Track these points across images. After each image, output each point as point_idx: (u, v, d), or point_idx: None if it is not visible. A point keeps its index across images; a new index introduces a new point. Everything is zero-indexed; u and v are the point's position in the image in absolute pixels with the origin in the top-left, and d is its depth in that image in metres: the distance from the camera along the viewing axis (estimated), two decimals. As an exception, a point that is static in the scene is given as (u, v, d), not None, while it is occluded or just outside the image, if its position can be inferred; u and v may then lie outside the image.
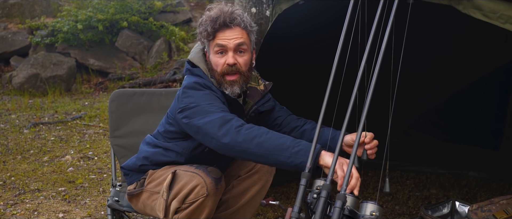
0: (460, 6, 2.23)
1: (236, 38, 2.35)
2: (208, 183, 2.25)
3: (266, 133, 2.10)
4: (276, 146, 2.06)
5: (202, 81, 2.35)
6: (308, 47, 3.25)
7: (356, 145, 2.08)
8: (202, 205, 2.27)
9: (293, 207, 2.12)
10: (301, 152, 2.04)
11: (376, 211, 2.01)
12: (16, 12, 9.03)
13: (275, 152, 2.06)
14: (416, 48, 2.78)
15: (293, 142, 2.07)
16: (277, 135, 2.11)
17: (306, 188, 2.17)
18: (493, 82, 4.02)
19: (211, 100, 2.26)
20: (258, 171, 2.51)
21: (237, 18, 2.35)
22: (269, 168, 2.53)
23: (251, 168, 2.52)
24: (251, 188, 2.52)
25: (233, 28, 2.34)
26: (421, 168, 4.24)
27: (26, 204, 3.71)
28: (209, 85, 2.34)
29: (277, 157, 2.06)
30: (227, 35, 2.34)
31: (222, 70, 2.35)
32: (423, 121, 4.30)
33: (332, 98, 2.32)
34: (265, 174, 2.52)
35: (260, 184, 2.52)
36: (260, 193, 2.55)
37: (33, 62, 7.67)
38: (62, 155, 4.83)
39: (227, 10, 2.36)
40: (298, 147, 2.05)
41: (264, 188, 2.55)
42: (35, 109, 6.68)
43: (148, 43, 8.36)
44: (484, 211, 2.91)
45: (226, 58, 2.35)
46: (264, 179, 2.53)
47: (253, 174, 2.52)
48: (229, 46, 2.34)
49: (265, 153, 2.08)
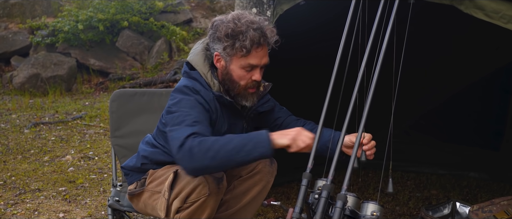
0: (462, 6, 2.23)
1: (265, 57, 2.35)
2: (209, 183, 2.25)
3: (215, 142, 2.11)
4: (229, 152, 2.10)
5: (193, 84, 2.32)
6: (309, 47, 3.25)
7: (356, 146, 2.08)
8: (203, 204, 2.27)
9: (294, 208, 2.13)
10: (257, 145, 2.10)
11: (377, 211, 2.01)
12: (17, 12, 9.03)
13: (231, 157, 2.11)
14: (417, 48, 2.78)
15: (243, 140, 2.11)
16: (226, 140, 2.12)
17: (307, 189, 2.17)
18: (494, 83, 4.02)
19: (191, 108, 2.24)
20: (260, 172, 2.51)
21: (270, 35, 2.31)
22: (270, 168, 2.53)
23: (252, 169, 2.52)
24: (252, 189, 2.52)
25: (264, 45, 2.33)
26: (422, 169, 4.24)
27: (26, 204, 3.71)
28: (199, 89, 2.30)
29: (235, 161, 2.12)
30: (260, 54, 2.31)
31: (246, 84, 2.35)
32: (423, 121, 4.29)
33: (333, 99, 2.32)
34: (266, 174, 2.52)
35: (262, 185, 2.52)
36: (261, 193, 2.54)
37: (34, 62, 7.67)
38: (62, 155, 4.83)
39: (260, 24, 2.29)
40: (250, 144, 2.10)
41: (265, 189, 2.55)
42: (35, 109, 6.68)
43: (148, 43, 8.36)
44: (484, 212, 2.91)
45: (252, 74, 2.34)
46: (265, 180, 2.52)
47: (254, 175, 2.52)
48: (259, 65, 2.34)
49: (223, 163, 2.13)
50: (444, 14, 2.71)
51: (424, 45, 3.45)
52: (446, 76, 3.95)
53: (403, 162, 4.12)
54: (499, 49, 3.62)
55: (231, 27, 2.27)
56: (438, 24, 3.33)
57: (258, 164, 2.51)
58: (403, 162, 4.12)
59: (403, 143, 4.10)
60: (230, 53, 2.30)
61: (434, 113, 4.25)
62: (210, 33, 2.35)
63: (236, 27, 2.26)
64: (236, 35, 2.26)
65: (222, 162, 2.13)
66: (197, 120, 2.21)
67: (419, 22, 2.41)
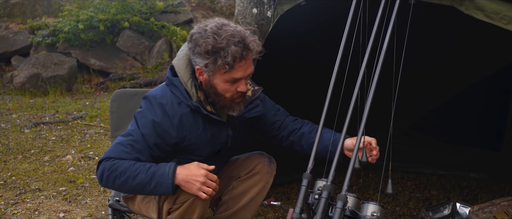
0: (462, 7, 2.23)
1: (249, 68, 2.25)
2: None
3: (124, 172, 2.18)
4: (135, 186, 2.20)
5: (162, 96, 2.28)
6: (309, 47, 3.25)
7: (357, 147, 2.09)
8: (193, 204, 2.27)
9: (294, 208, 2.13)
10: (157, 186, 2.18)
11: (377, 211, 2.02)
12: (17, 12, 9.03)
13: (137, 191, 2.26)
14: (417, 49, 2.78)
15: (147, 177, 2.17)
16: (133, 172, 2.18)
17: (308, 189, 2.17)
18: (494, 84, 4.02)
19: (141, 127, 2.24)
20: (259, 172, 2.51)
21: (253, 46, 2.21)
22: (269, 168, 2.53)
23: (252, 169, 2.52)
24: (251, 189, 2.52)
25: (248, 57, 2.23)
26: (422, 170, 4.24)
27: (27, 203, 3.71)
28: (166, 102, 2.25)
29: (142, 194, 2.30)
30: (243, 67, 2.22)
31: (232, 96, 2.28)
32: (423, 122, 4.29)
33: (334, 99, 2.32)
34: (265, 175, 2.52)
35: (261, 185, 2.52)
36: (261, 194, 2.54)
37: (34, 62, 7.67)
38: (63, 155, 4.83)
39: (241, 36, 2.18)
40: (152, 183, 2.17)
41: (264, 189, 2.54)
42: (36, 109, 6.68)
43: (149, 43, 8.36)
44: (485, 212, 2.91)
45: (237, 86, 2.26)
46: (264, 180, 2.52)
47: (253, 175, 2.52)
48: (244, 77, 2.26)
49: (131, 192, 2.37)
50: (444, 15, 2.71)
51: (424, 46, 3.45)
52: (447, 77, 3.94)
53: (403, 162, 4.12)
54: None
55: (210, 43, 2.15)
56: (438, 25, 3.33)
57: (257, 164, 2.52)
58: (403, 162, 4.12)
59: (403, 144, 4.10)
60: (212, 69, 2.20)
61: (435, 113, 4.25)
62: (190, 46, 2.24)
63: (216, 43, 2.15)
64: (217, 52, 2.15)
65: (130, 192, 2.33)
66: (133, 141, 2.23)
67: (420, 23, 2.41)
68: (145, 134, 2.24)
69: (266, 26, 6.99)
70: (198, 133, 2.31)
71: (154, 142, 2.24)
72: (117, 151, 2.22)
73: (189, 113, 2.28)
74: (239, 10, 7.25)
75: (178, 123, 2.26)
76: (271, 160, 2.56)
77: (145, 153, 2.23)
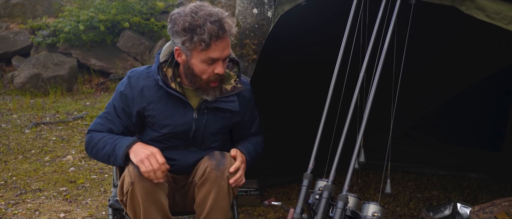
0: (463, 7, 2.23)
1: (226, 49, 2.33)
2: (131, 171, 2.33)
3: (96, 143, 2.43)
4: (103, 157, 2.44)
5: (134, 70, 2.51)
6: (310, 48, 3.25)
7: (357, 147, 2.09)
8: (132, 193, 2.33)
9: (295, 208, 2.13)
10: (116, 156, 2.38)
11: (378, 212, 2.02)
12: (18, 12, 9.03)
13: (105, 161, 2.48)
14: (418, 49, 2.78)
15: (110, 149, 2.39)
16: (102, 143, 2.42)
17: (308, 189, 2.17)
18: (495, 84, 4.02)
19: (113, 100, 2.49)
20: (208, 179, 2.38)
21: (229, 26, 2.30)
22: (218, 173, 2.37)
23: (202, 175, 2.40)
24: (209, 196, 2.38)
25: (224, 38, 2.30)
26: (422, 170, 4.24)
27: (27, 204, 3.71)
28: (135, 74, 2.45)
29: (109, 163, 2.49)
30: (220, 47, 2.30)
31: (208, 78, 2.35)
32: (424, 122, 4.29)
33: (334, 99, 2.32)
34: (215, 180, 2.37)
35: (215, 191, 2.37)
36: (221, 198, 2.38)
37: (35, 62, 7.67)
38: (63, 155, 4.83)
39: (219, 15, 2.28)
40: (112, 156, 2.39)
41: (221, 194, 2.37)
42: (36, 109, 6.68)
43: (149, 43, 8.36)
44: (485, 212, 2.91)
45: (214, 67, 2.34)
46: (216, 185, 2.37)
47: (204, 181, 2.39)
48: (221, 57, 2.33)
49: (102, 161, 2.52)
50: (445, 15, 2.71)
51: (425, 46, 3.45)
52: (447, 77, 3.94)
53: (404, 163, 4.12)
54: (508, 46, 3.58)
55: (188, 20, 2.25)
56: (439, 25, 3.33)
57: (206, 168, 2.39)
58: (404, 163, 4.12)
59: (403, 144, 4.10)
60: (189, 47, 2.29)
61: (435, 114, 4.24)
62: (169, 27, 2.34)
63: (193, 21, 2.24)
64: (193, 29, 2.25)
65: (103, 162, 2.52)
66: (107, 113, 2.49)
67: (420, 23, 2.41)
68: (115, 104, 2.47)
69: (267, 26, 7.00)
70: (159, 106, 2.43)
71: (121, 111, 2.46)
72: (94, 124, 2.50)
73: (154, 87, 2.42)
74: (240, 10, 7.25)
75: (138, 93, 2.43)
76: (221, 162, 2.40)
77: (117, 123, 2.46)
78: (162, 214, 2.36)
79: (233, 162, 2.43)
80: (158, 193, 2.34)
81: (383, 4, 2.22)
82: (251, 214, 3.47)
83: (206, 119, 2.47)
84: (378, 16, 2.20)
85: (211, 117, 2.48)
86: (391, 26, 2.15)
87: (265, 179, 3.65)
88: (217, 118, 2.49)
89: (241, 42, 7.09)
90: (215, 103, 2.44)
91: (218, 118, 2.49)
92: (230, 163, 2.42)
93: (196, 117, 2.45)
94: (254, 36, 7.03)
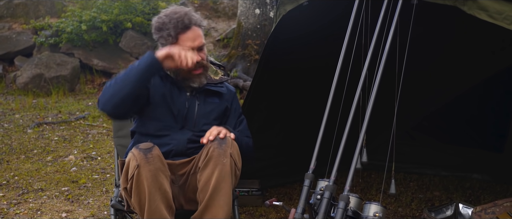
0: (465, 7, 2.23)
1: (198, 39, 2.58)
2: (136, 155, 2.40)
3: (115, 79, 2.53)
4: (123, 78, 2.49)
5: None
6: (312, 47, 3.25)
7: (359, 147, 2.09)
8: (139, 177, 2.37)
9: (296, 208, 2.13)
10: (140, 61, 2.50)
11: (380, 212, 2.02)
12: (20, 12, 9.04)
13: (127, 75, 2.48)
14: (419, 49, 2.77)
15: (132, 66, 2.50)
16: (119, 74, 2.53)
17: (310, 189, 2.17)
18: (497, 84, 4.01)
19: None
20: (211, 158, 2.43)
21: (193, 18, 2.56)
22: (220, 150, 2.43)
23: (205, 156, 2.46)
24: (212, 176, 2.41)
25: (193, 28, 2.56)
26: (424, 170, 4.23)
27: (29, 203, 3.72)
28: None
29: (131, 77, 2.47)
30: (190, 36, 2.56)
31: (189, 68, 2.55)
32: (426, 123, 4.28)
33: (336, 99, 2.32)
34: (218, 158, 2.42)
35: (218, 170, 2.40)
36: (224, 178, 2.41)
37: (37, 62, 7.68)
38: (65, 155, 4.84)
39: (182, 11, 2.56)
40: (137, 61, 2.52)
41: (223, 172, 2.41)
42: (39, 109, 6.69)
43: (152, 43, 8.36)
44: (487, 213, 2.90)
45: None
46: (220, 163, 2.41)
47: (208, 162, 2.44)
48: (193, 46, 2.56)
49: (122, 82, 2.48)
50: (447, 15, 2.70)
51: (427, 46, 3.44)
52: (449, 78, 3.94)
53: (406, 163, 4.11)
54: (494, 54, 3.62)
55: (158, 21, 2.58)
56: (441, 25, 3.32)
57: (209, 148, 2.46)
58: (406, 163, 4.11)
59: (406, 145, 4.10)
60: (164, 44, 2.58)
61: (437, 114, 4.24)
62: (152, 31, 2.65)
63: (161, 20, 2.57)
64: (161, 27, 2.56)
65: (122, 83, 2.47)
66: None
67: (422, 23, 2.41)
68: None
69: (269, 27, 7.00)
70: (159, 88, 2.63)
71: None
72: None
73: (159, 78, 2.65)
74: (242, 11, 7.26)
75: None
76: (223, 141, 2.47)
77: None
78: (165, 203, 2.40)
79: (235, 145, 2.52)
80: (162, 179, 2.40)
81: (385, 4, 2.22)
82: (253, 214, 3.47)
83: (198, 100, 2.67)
84: (380, 16, 2.20)
85: (202, 99, 2.68)
86: (393, 26, 2.15)
87: (266, 179, 3.65)
88: (208, 101, 2.69)
89: (243, 43, 7.09)
90: (205, 86, 2.69)
91: (208, 102, 2.69)
92: (232, 144, 2.50)
93: (189, 97, 2.66)
94: (256, 36, 7.03)
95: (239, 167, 2.50)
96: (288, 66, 3.33)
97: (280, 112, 3.43)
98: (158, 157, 2.42)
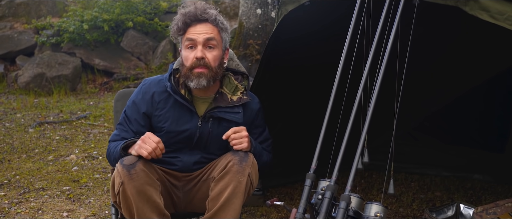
0: (466, 7, 2.22)
1: (206, 33, 2.47)
2: (120, 171, 2.34)
3: (111, 149, 2.53)
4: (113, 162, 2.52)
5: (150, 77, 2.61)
6: (313, 47, 3.25)
7: (360, 147, 2.09)
8: (124, 193, 2.34)
9: (297, 208, 2.13)
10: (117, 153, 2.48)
11: (381, 212, 2.02)
12: (22, 11, 9.05)
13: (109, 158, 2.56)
14: (421, 49, 2.77)
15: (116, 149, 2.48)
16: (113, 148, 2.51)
17: (311, 189, 2.17)
18: (498, 85, 4.01)
19: (127, 107, 2.60)
20: (228, 172, 2.39)
21: (208, 13, 2.47)
22: (240, 168, 2.39)
23: (223, 168, 2.42)
24: (225, 190, 2.39)
25: (204, 23, 2.48)
26: (426, 171, 4.23)
27: (30, 202, 3.72)
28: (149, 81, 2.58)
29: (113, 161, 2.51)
30: (198, 29, 2.47)
31: (191, 64, 2.47)
32: (427, 123, 4.28)
33: (338, 99, 2.32)
34: (235, 174, 2.38)
35: (233, 185, 2.37)
36: (236, 194, 2.38)
37: (39, 62, 7.69)
38: (66, 154, 4.84)
39: (200, 7, 2.49)
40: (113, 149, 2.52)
41: (238, 189, 2.38)
42: (40, 108, 6.70)
43: (153, 43, 8.37)
44: (489, 213, 2.90)
45: (195, 52, 2.47)
46: (235, 180, 2.38)
47: (224, 175, 2.40)
48: (198, 40, 2.46)
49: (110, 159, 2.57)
50: (448, 16, 2.70)
51: (428, 46, 3.44)
52: (451, 78, 3.94)
53: (407, 163, 4.11)
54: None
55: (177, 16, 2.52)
56: (442, 25, 3.32)
57: (228, 162, 2.41)
58: (407, 163, 4.11)
59: (407, 145, 4.10)
60: (175, 37, 2.55)
61: (438, 115, 4.24)
62: None
63: (176, 17, 2.52)
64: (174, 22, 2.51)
65: (109, 158, 2.58)
66: (120, 123, 2.59)
67: (424, 24, 2.41)
68: (127, 113, 2.57)
69: (270, 27, 6.99)
70: (166, 110, 2.52)
71: (134, 118, 2.55)
72: (112, 135, 2.60)
73: (164, 93, 2.53)
74: (243, 11, 7.25)
75: (149, 99, 2.53)
76: (244, 158, 2.42)
77: (129, 131, 2.55)
78: (157, 212, 2.37)
79: (255, 164, 2.46)
80: (150, 191, 2.34)
81: (386, 4, 2.21)
82: (254, 214, 3.47)
83: (210, 127, 2.53)
84: (382, 16, 2.20)
85: (215, 126, 2.53)
86: (394, 26, 2.15)
87: (268, 179, 3.65)
88: (221, 127, 2.53)
89: (245, 43, 7.09)
90: (220, 113, 2.52)
91: (222, 128, 2.52)
92: (253, 162, 2.44)
93: (200, 124, 2.52)
94: (257, 36, 7.02)
95: (254, 186, 2.47)
96: (290, 66, 3.33)
97: (281, 112, 3.42)
98: (142, 172, 2.33)
